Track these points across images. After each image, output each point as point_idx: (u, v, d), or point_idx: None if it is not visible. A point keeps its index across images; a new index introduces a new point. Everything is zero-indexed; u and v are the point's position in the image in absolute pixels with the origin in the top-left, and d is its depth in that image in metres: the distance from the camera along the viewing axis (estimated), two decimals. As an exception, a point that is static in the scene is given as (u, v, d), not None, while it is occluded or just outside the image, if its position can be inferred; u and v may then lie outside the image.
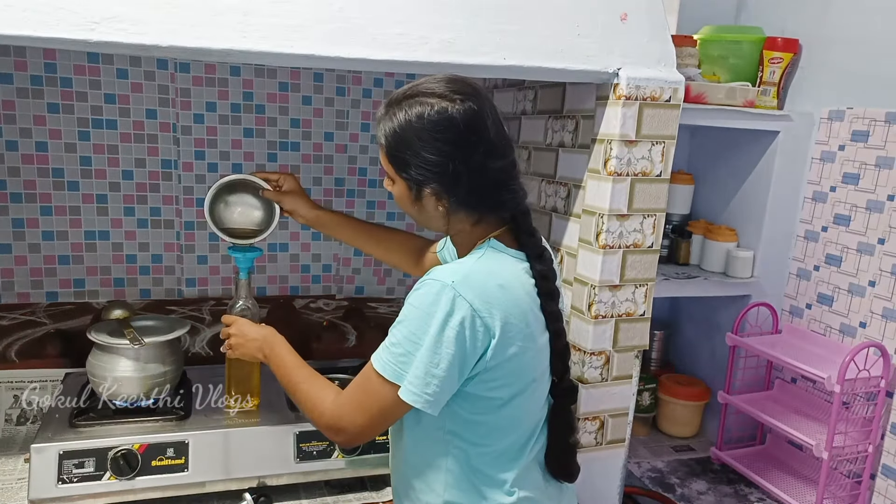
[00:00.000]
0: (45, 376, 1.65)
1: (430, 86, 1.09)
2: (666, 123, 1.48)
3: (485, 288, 1.05)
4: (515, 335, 1.07)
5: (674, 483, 1.88)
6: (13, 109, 1.72)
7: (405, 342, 1.05)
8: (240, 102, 1.90)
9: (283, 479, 1.43)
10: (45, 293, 1.83)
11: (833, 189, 1.84)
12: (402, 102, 1.09)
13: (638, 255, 1.53)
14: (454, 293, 1.03)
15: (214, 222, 1.46)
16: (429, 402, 1.05)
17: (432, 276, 1.06)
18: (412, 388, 1.04)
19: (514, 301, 1.08)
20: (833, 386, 1.60)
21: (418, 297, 1.06)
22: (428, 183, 1.09)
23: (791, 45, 1.91)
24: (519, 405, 1.12)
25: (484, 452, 1.12)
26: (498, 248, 1.13)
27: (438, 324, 1.03)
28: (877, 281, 1.71)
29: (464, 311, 1.03)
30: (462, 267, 1.09)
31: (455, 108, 1.06)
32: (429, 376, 1.03)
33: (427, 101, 1.07)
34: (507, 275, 1.10)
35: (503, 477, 1.13)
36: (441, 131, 1.06)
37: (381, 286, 2.16)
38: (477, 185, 1.09)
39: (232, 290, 1.96)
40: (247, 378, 1.50)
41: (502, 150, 1.11)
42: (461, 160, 1.07)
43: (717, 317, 2.10)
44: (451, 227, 1.16)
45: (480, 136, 1.08)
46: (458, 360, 1.04)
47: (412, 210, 1.15)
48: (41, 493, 1.28)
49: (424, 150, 1.07)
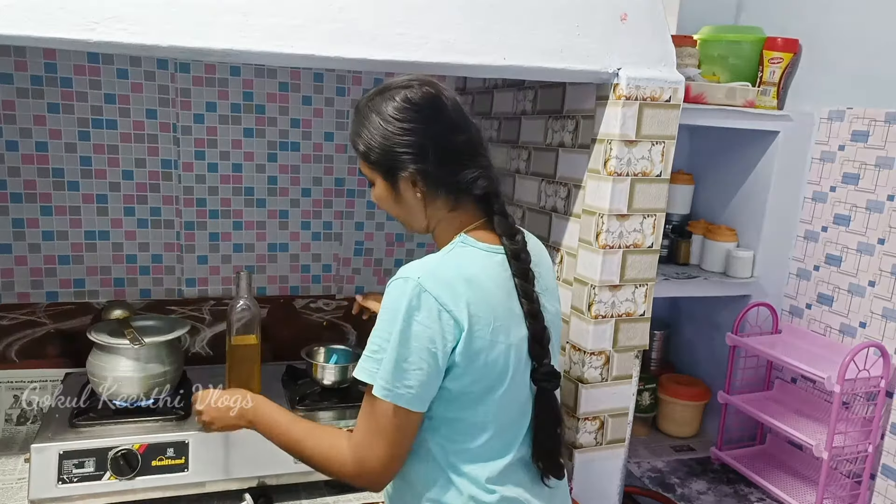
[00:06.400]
0: (45, 376, 1.65)
1: (389, 83, 1.17)
2: (666, 123, 1.48)
3: (450, 281, 1.07)
4: (484, 328, 1.08)
5: (674, 483, 1.88)
6: (13, 109, 1.72)
7: (378, 341, 1.06)
8: (240, 102, 1.90)
9: (283, 479, 1.43)
10: (45, 293, 1.83)
11: (833, 189, 1.84)
12: (367, 104, 1.16)
13: (638, 255, 1.53)
14: (420, 288, 1.04)
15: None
16: (403, 397, 1.04)
17: (399, 275, 1.09)
18: (383, 383, 1.04)
19: (483, 294, 1.09)
20: (833, 386, 1.60)
21: (387, 298, 1.08)
22: (400, 167, 1.13)
23: (791, 45, 1.91)
24: (495, 401, 1.11)
25: (462, 449, 1.12)
26: (468, 243, 1.15)
27: (404, 318, 1.04)
28: (877, 281, 1.71)
29: (430, 305, 1.04)
30: (429, 262, 1.11)
31: (413, 92, 1.13)
32: (399, 371, 1.04)
33: (387, 94, 1.14)
34: (475, 269, 1.11)
35: (482, 474, 1.12)
36: (403, 113, 1.12)
37: (382, 286, 2.16)
38: (445, 160, 1.14)
39: (232, 289, 1.96)
40: (247, 378, 1.50)
41: (464, 125, 1.16)
42: (426, 136, 1.12)
43: (717, 317, 2.10)
44: (431, 218, 1.18)
45: (440, 111, 1.14)
46: (429, 353, 1.04)
47: (395, 208, 1.19)
48: (41, 493, 1.28)
49: (392, 135, 1.12)
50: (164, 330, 1.51)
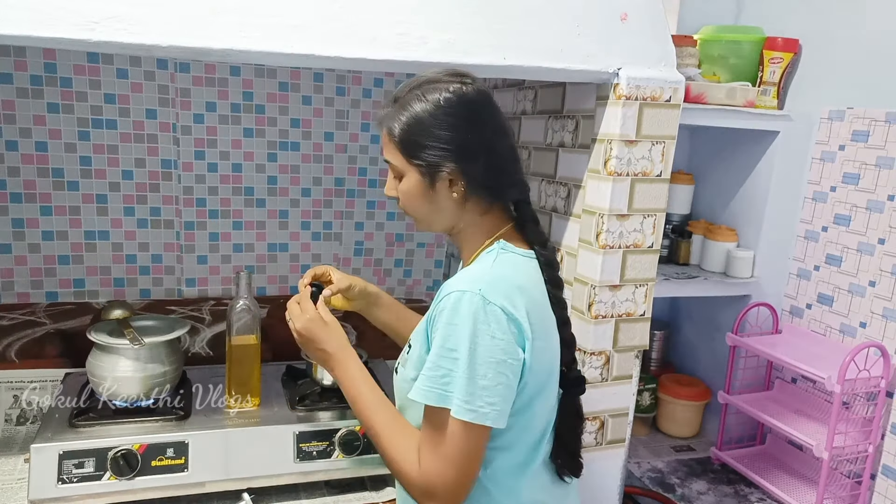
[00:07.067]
0: (45, 376, 1.65)
1: (435, 76, 1.12)
2: (666, 123, 1.48)
3: (509, 291, 1.04)
4: (540, 335, 1.07)
5: (674, 483, 1.88)
6: (13, 109, 1.72)
7: (440, 361, 1.02)
8: (240, 102, 1.90)
9: (283, 479, 1.43)
10: (45, 293, 1.83)
11: (833, 189, 1.84)
12: (412, 92, 1.10)
13: (638, 255, 1.53)
14: (483, 300, 1.01)
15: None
16: (488, 416, 1.00)
17: (452, 288, 1.04)
18: (463, 404, 1.00)
19: (533, 301, 1.08)
20: (833, 386, 1.60)
21: (446, 314, 1.03)
22: (444, 164, 1.08)
23: (791, 45, 1.91)
24: (536, 405, 1.11)
25: (507, 458, 1.10)
26: (508, 250, 1.12)
27: (472, 333, 1.00)
28: (877, 281, 1.71)
29: (498, 316, 1.01)
30: (482, 273, 1.07)
31: (467, 88, 1.10)
32: (477, 389, 1.00)
33: (439, 86, 1.09)
34: (522, 276, 1.10)
35: (519, 484, 1.12)
36: (456, 109, 1.08)
37: (382, 286, 2.16)
38: (491, 164, 1.11)
39: (232, 289, 1.96)
40: (247, 378, 1.50)
41: (509, 129, 1.15)
42: (476, 136, 1.09)
43: (717, 317, 2.10)
44: (461, 219, 1.14)
45: (491, 113, 1.12)
46: (506, 366, 1.02)
47: (421, 205, 1.13)
48: (41, 493, 1.28)
49: (441, 130, 1.08)
50: (163, 330, 1.50)
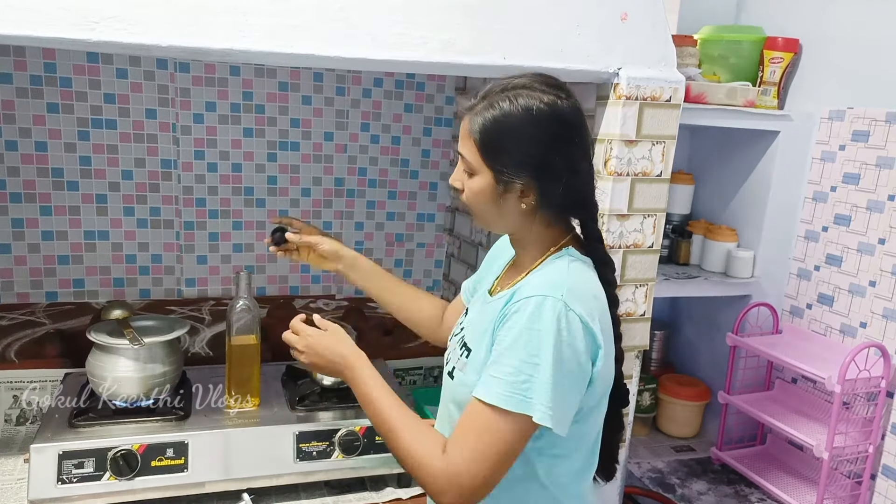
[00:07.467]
0: (45, 376, 1.64)
1: (529, 81, 1.06)
2: (666, 123, 1.48)
3: (585, 298, 1.03)
4: (607, 343, 1.06)
5: (674, 483, 1.88)
6: (13, 109, 1.72)
7: (520, 365, 0.99)
8: (239, 102, 1.90)
9: (283, 480, 1.43)
10: (45, 293, 1.83)
11: (833, 189, 1.84)
12: (504, 93, 1.05)
13: (638, 255, 1.53)
14: (565, 306, 0.99)
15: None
16: (561, 422, 1.00)
17: (535, 293, 1.01)
18: (545, 409, 0.97)
19: (603, 310, 1.07)
20: (833, 386, 1.60)
21: (527, 317, 1.00)
22: (521, 176, 1.05)
23: (791, 45, 1.91)
24: (595, 413, 1.10)
25: (569, 463, 1.10)
26: (576, 257, 1.10)
27: (556, 339, 0.98)
28: (877, 281, 1.71)
29: (576, 323, 1.00)
30: (560, 279, 1.05)
31: (563, 104, 1.04)
32: (560, 394, 0.98)
33: (533, 95, 1.03)
34: (594, 284, 1.08)
35: (582, 489, 1.12)
36: (547, 123, 1.03)
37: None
38: (570, 185, 1.06)
39: (232, 289, 1.96)
40: (247, 378, 1.50)
41: (592, 151, 1.11)
42: (562, 157, 1.05)
43: (717, 317, 2.10)
44: (523, 227, 1.11)
45: (581, 134, 1.07)
46: (582, 372, 1.01)
47: (487, 205, 1.09)
48: (41, 493, 1.28)
49: (526, 141, 1.04)
50: (163, 330, 1.50)
